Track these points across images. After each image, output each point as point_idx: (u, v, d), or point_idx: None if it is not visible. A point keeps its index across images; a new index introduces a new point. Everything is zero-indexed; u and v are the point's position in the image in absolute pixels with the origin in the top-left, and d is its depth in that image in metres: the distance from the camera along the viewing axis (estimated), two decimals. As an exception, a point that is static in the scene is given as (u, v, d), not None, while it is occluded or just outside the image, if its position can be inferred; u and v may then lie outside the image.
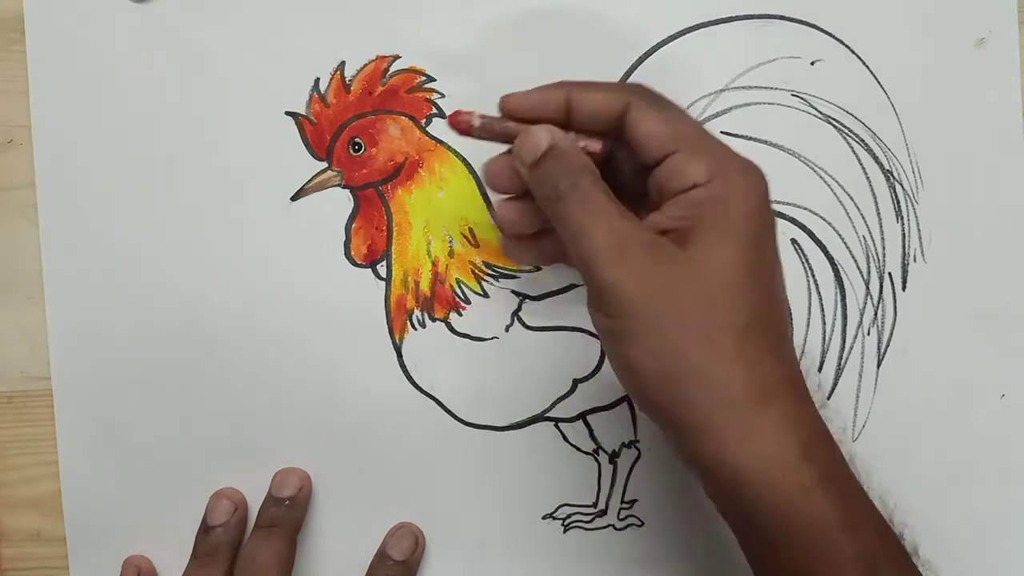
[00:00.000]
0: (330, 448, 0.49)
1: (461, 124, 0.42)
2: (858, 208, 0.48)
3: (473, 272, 0.49)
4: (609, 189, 0.39)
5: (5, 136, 0.49)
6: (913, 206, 0.49)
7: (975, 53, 0.48)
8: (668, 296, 0.37)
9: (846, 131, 0.48)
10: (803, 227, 0.48)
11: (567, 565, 0.50)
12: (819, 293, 0.49)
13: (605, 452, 0.49)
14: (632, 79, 0.48)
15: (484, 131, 0.42)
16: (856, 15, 0.48)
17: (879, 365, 0.49)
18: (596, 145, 0.41)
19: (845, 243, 0.48)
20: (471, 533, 0.50)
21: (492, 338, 0.49)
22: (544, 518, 0.50)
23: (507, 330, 0.49)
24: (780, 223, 0.48)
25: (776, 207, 0.48)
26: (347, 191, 0.49)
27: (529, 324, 0.49)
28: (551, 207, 0.39)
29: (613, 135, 0.41)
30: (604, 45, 0.48)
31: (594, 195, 0.39)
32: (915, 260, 0.49)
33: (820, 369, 0.49)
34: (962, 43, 0.49)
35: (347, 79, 0.48)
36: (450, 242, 0.49)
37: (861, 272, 0.49)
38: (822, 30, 0.48)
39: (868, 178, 0.49)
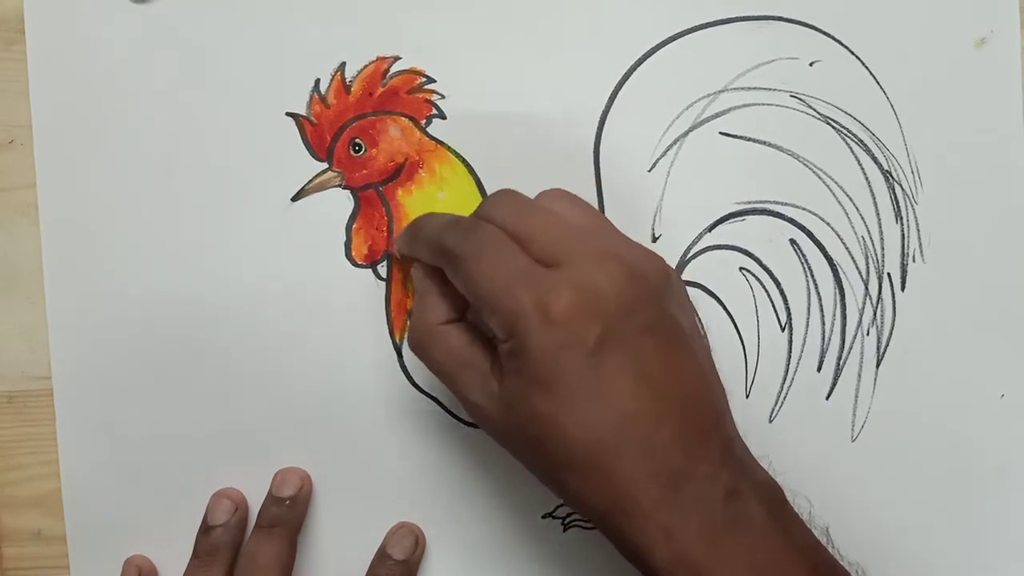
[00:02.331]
0: (330, 448, 0.49)
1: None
2: (857, 208, 0.49)
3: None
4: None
5: (5, 136, 0.49)
6: (912, 206, 0.49)
7: (976, 53, 0.48)
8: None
9: (845, 132, 0.48)
10: (802, 227, 0.48)
11: (567, 564, 0.50)
12: (818, 294, 0.49)
13: (605, 452, 0.49)
14: (632, 80, 0.48)
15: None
16: (856, 15, 0.48)
17: (879, 365, 0.49)
18: None
19: (844, 243, 0.49)
20: (471, 533, 0.50)
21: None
22: (544, 517, 0.50)
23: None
24: (780, 223, 0.48)
25: (776, 207, 0.48)
26: (347, 191, 0.49)
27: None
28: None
29: None
30: (604, 46, 0.48)
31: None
32: (914, 260, 0.49)
33: (819, 369, 0.49)
34: (962, 43, 0.49)
35: (347, 80, 0.48)
36: (450, 242, 0.49)
37: (860, 272, 0.49)
38: (821, 31, 0.48)
39: (867, 178, 0.49)
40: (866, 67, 0.48)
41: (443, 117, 0.48)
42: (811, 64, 0.48)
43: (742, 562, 0.38)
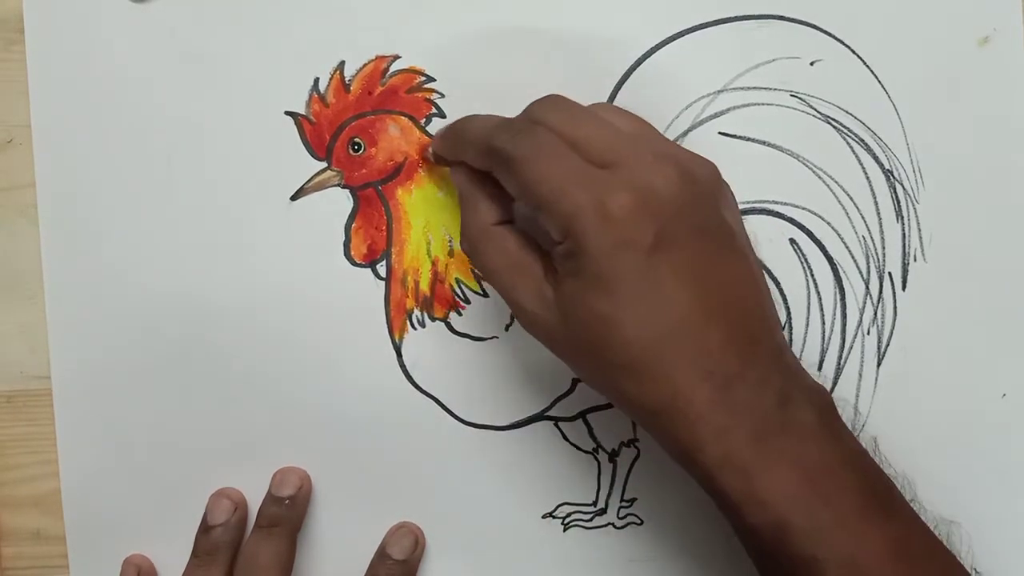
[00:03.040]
0: (330, 448, 0.49)
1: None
2: (858, 208, 0.48)
3: (473, 272, 0.49)
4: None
5: (5, 136, 0.49)
6: (913, 206, 0.49)
7: (978, 52, 0.48)
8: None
9: (846, 131, 0.48)
10: (802, 227, 0.48)
11: (567, 564, 0.50)
12: (819, 293, 0.49)
13: (604, 451, 0.49)
14: (631, 80, 0.48)
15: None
16: (856, 15, 0.48)
17: (879, 365, 0.49)
18: None
19: (845, 243, 0.48)
20: (471, 532, 0.50)
21: (492, 338, 0.49)
22: (544, 517, 0.50)
23: (507, 330, 0.49)
24: (780, 223, 0.48)
25: (776, 207, 0.48)
26: (347, 191, 0.49)
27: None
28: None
29: None
30: (603, 46, 0.48)
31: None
32: (915, 260, 0.49)
33: (820, 368, 0.49)
34: (965, 42, 0.48)
35: (347, 79, 0.48)
36: (450, 242, 0.49)
37: (861, 272, 0.49)
38: (822, 30, 0.48)
39: (868, 178, 0.48)
40: (867, 66, 0.48)
41: (443, 116, 0.48)
42: (812, 63, 0.48)
43: (791, 465, 0.38)
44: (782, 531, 0.38)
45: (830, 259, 0.49)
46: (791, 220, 0.48)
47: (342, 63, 0.48)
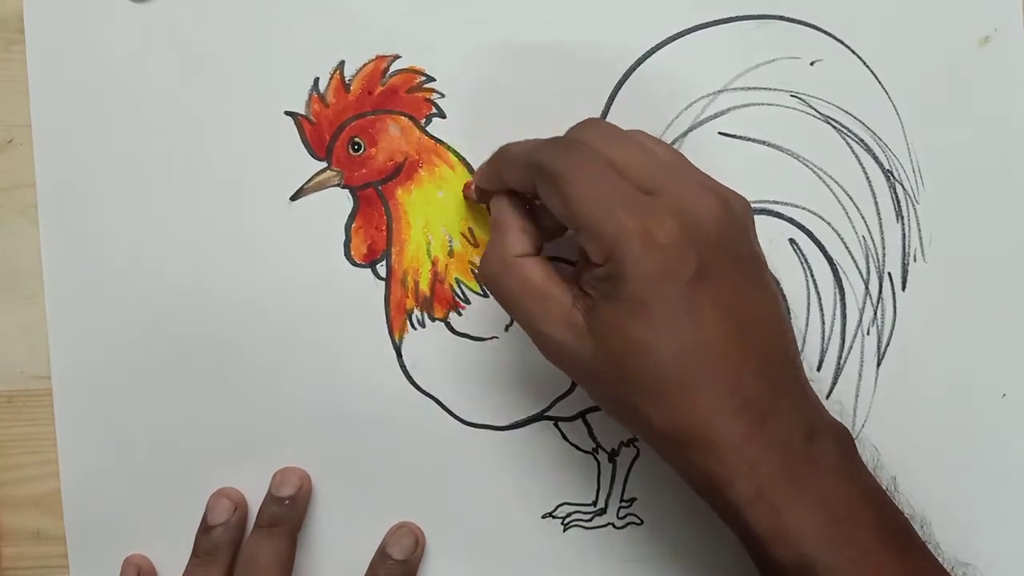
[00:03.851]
0: (330, 448, 0.49)
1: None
2: (858, 208, 0.48)
3: (473, 272, 0.49)
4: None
5: (5, 136, 0.49)
6: (913, 206, 0.49)
7: (979, 52, 0.48)
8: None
9: (846, 131, 0.48)
10: (802, 227, 0.48)
11: (567, 564, 0.50)
12: (818, 293, 0.49)
13: (604, 451, 0.49)
14: (631, 80, 0.48)
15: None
16: (856, 15, 0.48)
17: (879, 365, 0.49)
18: None
19: (845, 243, 0.48)
20: (471, 532, 0.50)
21: (492, 338, 0.49)
22: (544, 517, 0.50)
23: (507, 330, 0.49)
24: (780, 223, 0.48)
25: (776, 207, 0.48)
26: (347, 191, 0.49)
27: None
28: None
29: None
30: (604, 45, 0.48)
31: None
32: (915, 260, 0.49)
33: (819, 369, 0.49)
34: (966, 42, 0.48)
35: (347, 79, 0.48)
36: (450, 242, 0.49)
37: (861, 272, 0.49)
38: (822, 30, 0.48)
39: (868, 178, 0.48)
40: (867, 66, 0.48)
41: (443, 116, 0.48)
42: (812, 63, 0.48)
43: (817, 501, 0.38)
44: (807, 568, 0.37)
45: (830, 259, 0.49)
46: (791, 220, 0.48)
47: (342, 63, 0.48)
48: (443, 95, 0.48)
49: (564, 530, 0.50)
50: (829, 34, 0.48)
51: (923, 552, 0.40)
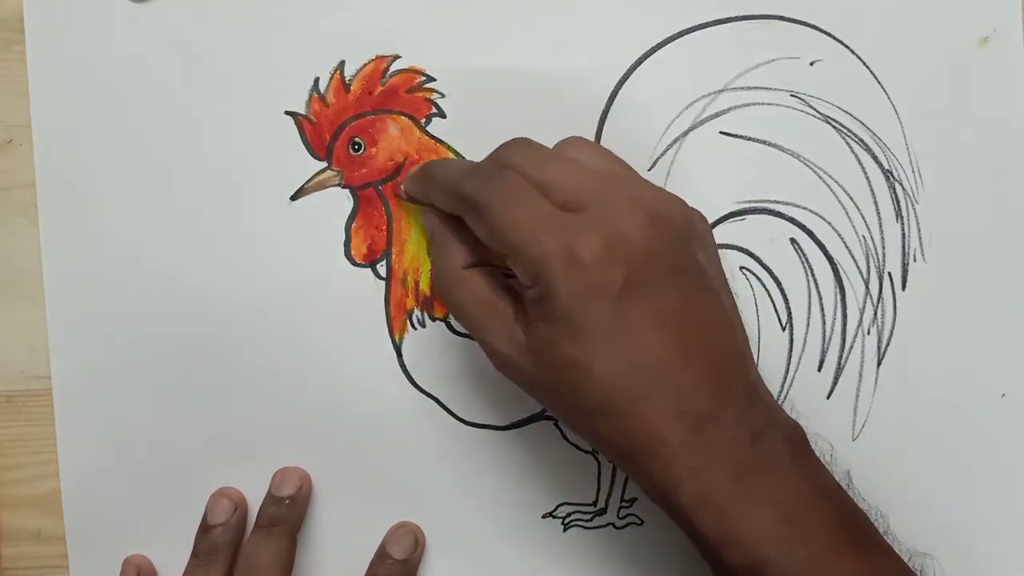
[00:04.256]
0: (330, 448, 0.49)
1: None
2: (858, 208, 0.48)
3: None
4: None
5: (5, 136, 0.49)
6: (913, 206, 0.49)
7: (978, 52, 0.48)
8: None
9: (846, 131, 0.48)
10: (803, 227, 0.48)
11: (567, 564, 0.50)
12: (819, 293, 0.49)
13: (605, 452, 0.49)
14: (632, 79, 0.48)
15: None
16: (856, 15, 0.48)
17: (879, 365, 0.49)
18: None
19: (845, 243, 0.48)
20: (471, 532, 0.50)
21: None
22: (544, 517, 0.50)
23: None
24: (780, 222, 0.48)
25: (776, 207, 0.48)
26: (347, 191, 0.49)
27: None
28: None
29: None
30: (604, 45, 0.48)
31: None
32: (915, 260, 0.49)
33: (820, 369, 0.49)
34: (965, 42, 0.48)
35: (347, 78, 0.48)
36: (450, 242, 0.49)
37: (861, 272, 0.49)
38: (822, 30, 0.48)
39: (868, 178, 0.48)
40: (867, 66, 0.48)
41: (443, 116, 0.48)
42: (812, 63, 0.48)
43: (767, 502, 0.38)
44: (760, 570, 0.38)
45: (830, 259, 0.49)
46: (791, 220, 0.48)
47: (342, 63, 0.48)
48: (443, 95, 0.48)
49: (564, 530, 0.50)
50: (829, 34, 0.48)
51: (882, 547, 0.40)
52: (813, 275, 0.49)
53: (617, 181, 0.42)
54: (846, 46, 0.48)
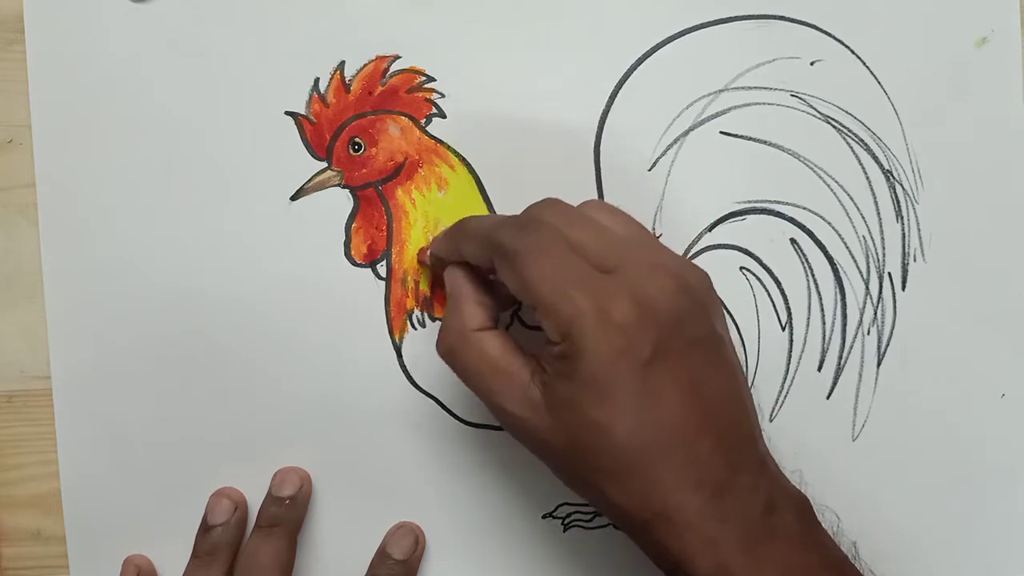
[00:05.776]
0: (330, 448, 0.49)
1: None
2: (858, 208, 0.48)
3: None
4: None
5: (5, 136, 0.49)
6: (913, 206, 0.49)
7: (977, 52, 0.48)
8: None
9: (846, 131, 0.48)
10: (803, 227, 0.48)
11: (567, 564, 0.50)
12: (819, 293, 0.49)
13: (605, 452, 0.49)
14: (632, 79, 0.48)
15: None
16: (856, 15, 0.48)
17: (879, 365, 0.49)
18: None
19: (845, 243, 0.48)
20: (471, 532, 0.50)
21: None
22: (544, 517, 0.50)
23: (507, 329, 0.49)
24: (780, 223, 0.48)
25: (776, 207, 0.48)
26: (347, 191, 0.49)
27: (529, 323, 0.49)
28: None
29: None
30: (604, 45, 0.48)
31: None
32: (915, 260, 0.49)
33: (820, 369, 0.49)
34: (963, 42, 0.48)
35: (347, 79, 0.48)
36: (450, 242, 0.49)
37: (861, 272, 0.49)
38: (822, 30, 0.48)
39: (868, 178, 0.49)
40: (867, 67, 0.48)
41: (443, 116, 0.48)
42: (812, 63, 0.48)
43: (778, 572, 0.38)
44: None
45: (830, 259, 0.49)
46: (792, 220, 0.48)
47: (342, 63, 0.48)
48: (443, 95, 0.48)
49: (564, 530, 0.50)
50: (829, 34, 0.48)
51: None
52: (813, 275, 0.49)
53: (641, 246, 0.42)
54: (846, 46, 0.48)
